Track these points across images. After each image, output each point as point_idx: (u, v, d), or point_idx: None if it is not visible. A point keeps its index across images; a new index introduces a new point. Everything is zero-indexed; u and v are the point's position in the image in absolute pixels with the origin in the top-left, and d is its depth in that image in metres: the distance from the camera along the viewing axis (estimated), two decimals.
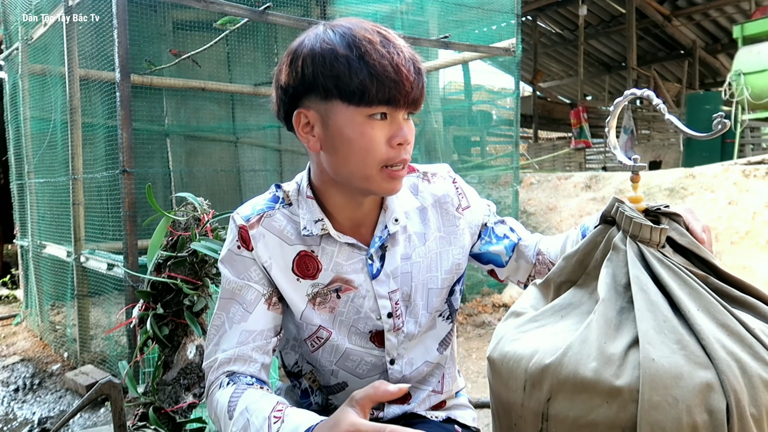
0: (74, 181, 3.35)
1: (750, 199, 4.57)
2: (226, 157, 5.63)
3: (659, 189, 5.18)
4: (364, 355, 1.00)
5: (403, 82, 0.82)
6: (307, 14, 4.84)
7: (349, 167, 0.87)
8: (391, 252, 0.97)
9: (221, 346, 0.92)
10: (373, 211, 0.97)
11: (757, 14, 7.99)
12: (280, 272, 0.94)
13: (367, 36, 0.83)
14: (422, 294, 1.00)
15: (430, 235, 1.01)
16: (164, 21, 4.78)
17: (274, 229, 0.94)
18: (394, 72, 0.81)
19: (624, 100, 0.81)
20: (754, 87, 6.79)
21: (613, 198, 0.75)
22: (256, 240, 0.93)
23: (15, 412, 2.98)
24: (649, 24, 12.11)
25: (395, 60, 0.82)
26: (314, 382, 1.05)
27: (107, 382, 1.31)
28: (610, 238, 0.73)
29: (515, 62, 4.61)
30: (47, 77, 3.96)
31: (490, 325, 4.07)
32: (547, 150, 12.45)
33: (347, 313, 0.97)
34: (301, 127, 0.89)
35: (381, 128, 0.85)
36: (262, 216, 0.95)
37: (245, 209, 0.96)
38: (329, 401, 1.04)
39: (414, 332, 1.00)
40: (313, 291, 0.95)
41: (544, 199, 6.00)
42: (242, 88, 4.74)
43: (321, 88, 0.83)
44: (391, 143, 0.85)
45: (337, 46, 0.82)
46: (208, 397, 0.91)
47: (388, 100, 0.83)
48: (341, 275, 0.95)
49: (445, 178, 1.05)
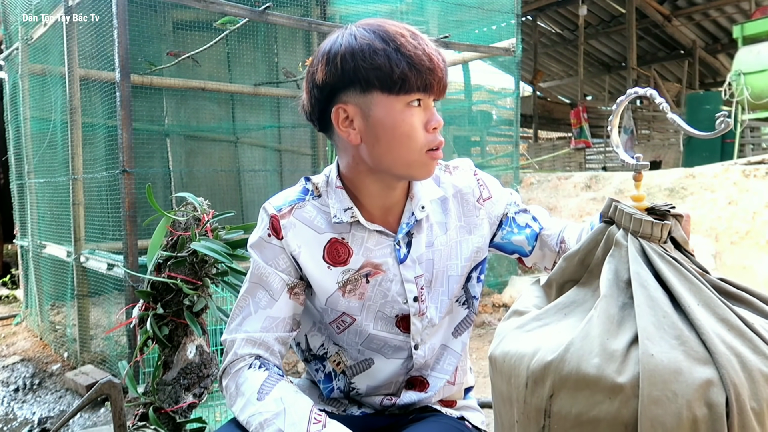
0: (74, 181, 3.35)
1: (750, 199, 4.57)
2: (226, 157, 5.63)
3: (659, 189, 5.18)
4: (389, 339, 1.03)
5: (436, 70, 0.89)
6: (307, 14, 4.84)
7: (392, 154, 0.92)
8: (417, 239, 1.02)
9: (244, 326, 0.97)
10: (401, 199, 1.02)
11: (757, 14, 7.99)
12: (310, 260, 0.99)
13: (399, 31, 0.89)
14: (442, 280, 1.04)
15: (451, 225, 1.05)
16: (164, 21, 4.78)
17: (305, 219, 0.99)
18: (429, 61, 0.88)
19: (626, 99, 0.80)
20: (754, 87, 6.79)
21: (609, 199, 0.75)
22: (286, 229, 0.98)
23: (15, 412, 2.97)
24: (649, 24, 12.11)
25: (427, 50, 0.89)
26: (338, 365, 1.08)
27: (107, 382, 1.31)
28: (610, 236, 0.73)
29: (515, 62, 4.61)
30: (47, 77, 3.96)
31: (490, 325, 4.07)
32: (547, 150, 12.45)
33: (375, 297, 1.01)
34: (341, 121, 0.93)
35: (418, 114, 0.91)
36: (294, 207, 1.00)
37: (277, 200, 1.01)
38: (351, 385, 1.07)
39: (435, 318, 1.04)
40: (344, 278, 0.99)
41: (544, 199, 5.99)
42: (242, 88, 4.73)
43: (362, 81, 0.89)
44: (427, 128, 0.92)
45: (374, 41, 0.88)
46: (232, 371, 0.95)
47: (426, 86, 0.89)
48: (371, 260, 1.00)
49: (467, 170, 1.10)
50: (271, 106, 5.24)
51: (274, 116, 5.38)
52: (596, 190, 5.81)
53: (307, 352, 1.09)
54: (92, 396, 1.31)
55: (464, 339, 1.10)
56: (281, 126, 5.46)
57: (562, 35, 13.99)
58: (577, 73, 12.82)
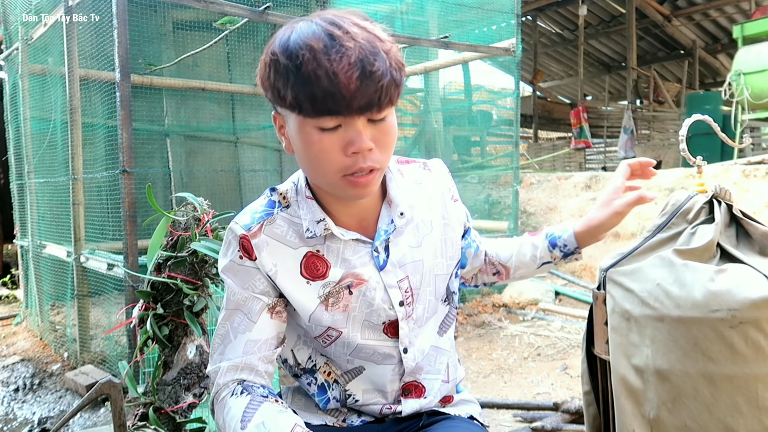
0: (74, 181, 3.35)
1: (750, 199, 4.57)
2: (226, 157, 5.63)
3: (659, 189, 5.18)
4: (378, 347, 1.00)
5: (341, 91, 0.77)
6: (307, 14, 4.81)
7: (311, 173, 0.87)
8: (395, 242, 0.98)
9: (226, 355, 0.92)
10: (375, 203, 0.97)
11: (757, 14, 7.99)
12: (288, 277, 0.93)
13: (311, 42, 0.78)
14: (429, 280, 1.02)
15: (436, 222, 1.03)
16: (164, 21, 4.78)
17: (276, 236, 0.93)
18: (329, 82, 0.76)
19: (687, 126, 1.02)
20: (754, 87, 6.78)
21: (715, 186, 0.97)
22: (259, 249, 0.92)
23: (15, 412, 2.97)
24: (649, 24, 12.11)
25: (332, 68, 0.76)
26: (329, 375, 1.04)
27: (107, 382, 1.31)
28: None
29: (515, 62, 4.61)
30: (47, 77, 3.96)
31: (490, 325, 4.07)
32: (547, 150, 12.45)
33: (360, 307, 0.97)
34: (278, 128, 0.91)
35: (332, 138, 0.81)
36: (263, 224, 0.93)
37: (244, 218, 0.94)
38: (347, 392, 1.04)
39: (422, 318, 1.02)
40: (325, 291, 0.94)
41: (544, 199, 6.00)
42: (242, 88, 4.74)
43: (272, 93, 0.83)
44: (346, 152, 0.82)
45: (280, 55, 0.79)
46: (217, 402, 0.90)
47: (328, 111, 0.78)
48: (351, 270, 0.95)
49: (441, 168, 1.10)
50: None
51: None
52: (596, 190, 5.81)
53: (296, 367, 1.06)
54: (92, 396, 1.31)
55: (450, 335, 1.09)
56: None
57: (562, 35, 13.99)
58: (577, 73, 12.82)
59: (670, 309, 0.85)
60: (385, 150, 0.85)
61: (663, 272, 0.88)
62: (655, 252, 0.94)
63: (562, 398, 2.59)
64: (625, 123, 10.26)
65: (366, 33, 0.80)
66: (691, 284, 0.84)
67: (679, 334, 0.84)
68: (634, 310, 0.89)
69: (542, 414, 2.52)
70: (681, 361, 0.83)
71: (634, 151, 9.99)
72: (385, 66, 0.79)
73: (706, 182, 1.00)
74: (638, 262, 0.94)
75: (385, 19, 4.58)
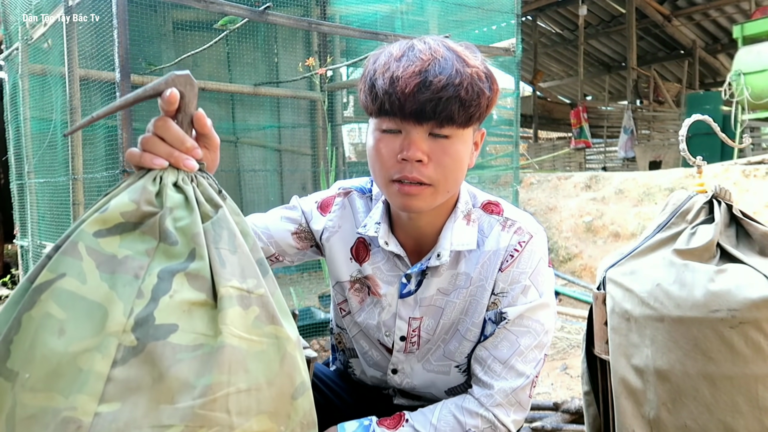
0: (74, 181, 3.35)
1: (750, 199, 4.57)
2: (226, 157, 5.63)
3: (659, 189, 5.18)
4: (371, 352, 1.05)
5: (396, 93, 0.80)
6: (307, 14, 4.84)
7: (373, 174, 0.92)
8: (429, 281, 0.96)
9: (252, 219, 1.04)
10: (431, 234, 0.95)
11: (757, 14, 7.99)
12: (341, 243, 1.02)
13: (395, 51, 0.84)
14: (449, 333, 0.97)
15: (475, 281, 0.95)
16: (164, 21, 4.78)
17: (354, 208, 1.03)
18: (390, 84, 0.80)
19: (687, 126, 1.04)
20: (754, 87, 6.78)
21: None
22: (338, 206, 1.04)
23: None
24: (649, 24, 12.10)
25: (398, 72, 0.80)
26: (340, 343, 1.12)
27: (183, 75, 1.32)
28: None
29: (515, 62, 4.61)
30: (47, 77, 3.96)
31: None
32: (547, 150, 12.45)
33: (368, 311, 1.02)
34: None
35: (390, 140, 0.85)
36: (355, 192, 1.05)
37: (347, 182, 1.08)
38: (348, 364, 1.12)
39: (419, 368, 1.01)
40: (356, 276, 1.01)
41: (544, 199, 6.00)
42: (242, 88, 4.73)
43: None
44: (397, 157, 0.85)
45: (371, 64, 0.87)
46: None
47: (384, 111, 0.83)
48: (375, 278, 0.99)
49: (521, 234, 0.95)
50: (271, 106, 5.24)
51: (274, 116, 5.38)
52: (596, 190, 5.81)
53: (332, 321, 1.14)
54: (159, 86, 1.31)
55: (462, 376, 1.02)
56: (281, 126, 5.46)
57: (562, 35, 13.98)
58: (577, 73, 12.82)
59: (670, 309, 0.85)
60: (441, 169, 0.84)
61: (663, 272, 0.88)
62: (655, 252, 0.94)
63: (562, 398, 2.59)
64: (625, 123, 10.26)
65: (451, 53, 0.82)
66: (691, 284, 0.84)
67: (679, 334, 0.84)
68: (634, 310, 0.89)
69: (542, 414, 2.52)
70: (681, 362, 0.83)
71: (634, 151, 9.99)
72: (452, 83, 0.79)
73: (706, 182, 1.01)
74: (638, 262, 0.94)
75: (385, 19, 4.58)
